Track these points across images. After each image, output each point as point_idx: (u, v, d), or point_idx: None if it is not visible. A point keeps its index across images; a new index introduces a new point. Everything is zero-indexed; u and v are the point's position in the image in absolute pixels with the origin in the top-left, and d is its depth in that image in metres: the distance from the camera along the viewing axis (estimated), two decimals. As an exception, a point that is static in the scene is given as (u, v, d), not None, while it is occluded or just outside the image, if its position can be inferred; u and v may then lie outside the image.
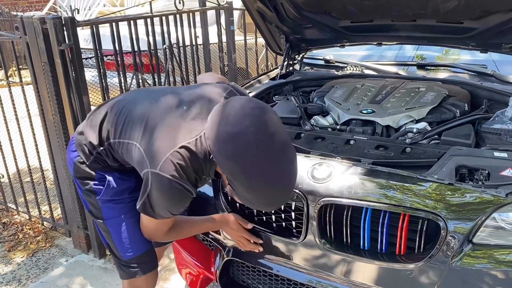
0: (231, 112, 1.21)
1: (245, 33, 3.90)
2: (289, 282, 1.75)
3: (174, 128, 1.33)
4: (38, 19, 2.33)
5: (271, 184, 1.21)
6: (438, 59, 2.78)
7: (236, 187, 1.25)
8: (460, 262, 1.36)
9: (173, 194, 1.32)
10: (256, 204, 1.30)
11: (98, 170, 1.58)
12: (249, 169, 1.18)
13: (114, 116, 1.48)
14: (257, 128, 1.18)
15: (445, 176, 1.49)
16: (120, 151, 1.45)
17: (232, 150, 1.17)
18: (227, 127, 1.18)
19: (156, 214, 1.40)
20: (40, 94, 2.57)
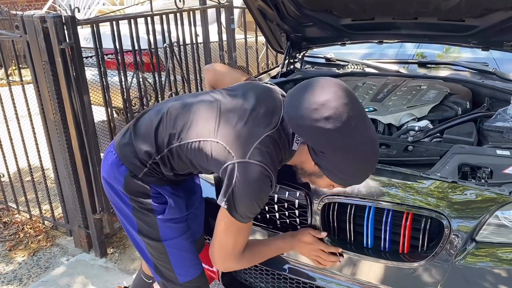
0: (313, 87, 1.24)
1: (246, 31, 3.89)
2: (292, 280, 1.74)
3: (252, 121, 1.33)
4: (39, 18, 2.32)
5: (371, 146, 1.26)
6: (439, 57, 2.78)
7: (330, 163, 1.26)
8: (464, 261, 1.36)
9: (261, 183, 1.28)
10: (355, 178, 1.31)
11: (152, 184, 1.47)
12: (352, 133, 1.20)
13: (173, 120, 1.41)
14: (344, 93, 1.22)
15: (448, 174, 1.49)
16: (186, 153, 1.38)
17: (333, 119, 1.17)
18: (319, 98, 1.20)
19: (238, 213, 1.30)
20: (41, 93, 2.57)
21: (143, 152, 1.43)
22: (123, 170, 1.47)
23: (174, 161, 1.42)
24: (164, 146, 1.40)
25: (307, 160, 1.33)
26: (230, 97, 1.42)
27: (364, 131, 1.23)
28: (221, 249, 1.42)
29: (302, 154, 1.35)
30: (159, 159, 1.42)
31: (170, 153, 1.40)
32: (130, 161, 1.46)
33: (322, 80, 1.27)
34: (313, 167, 1.33)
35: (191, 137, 1.37)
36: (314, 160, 1.30)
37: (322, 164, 1.28)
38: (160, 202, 1.48)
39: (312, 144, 1.27)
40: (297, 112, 1.22)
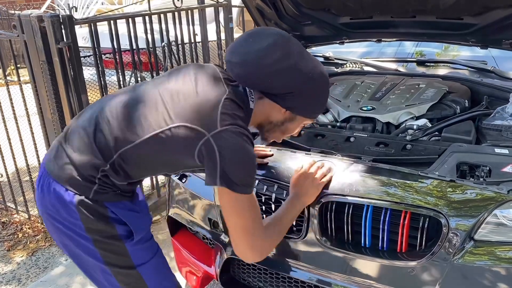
0: (250, 39, 1.26)
1: (244, 30, 3.88)
2: (290, 280, 1.74)
3: (203, 92, 1.25)
4: (36, 17, 2.32)
5: (320, 66, 1.32)
6: (438, 55, 2.78)
7: (301, 100, 1.29)
8: (462, 259, 1.36)
9: (243, 143, 1.21)
10: (322, 103, 1.37)
11: (107, 202, 1.29)
12: (306, 61, 1.27)
13: (115, 120, 1.27)
14: (279, 32, 1.29)
15: (446, 173, 1.48)
16: (145, 153, 1.25)
17: (287, 55, 1.22)
18: (262, 44, 1.22)
19: (239, 185, 1.21)
20: (39, 92, 2.56)
21: (87, 166, 1.26)
22: (69, 196, 1.27)
23: (129, 165, 1.27)
24: (112, 152, 1.25)
25: (272, 111, 1.34)
26: (167, 81, 1.33)
27: (312, 57, 1.33)
28: (244, 234, 1.29)
29: (263, 109, 1.33)
30: (109, 168, 1.25)
31: (122, 158, 1.26)
32: (74, 182, 1.26)
33: (255, 31, 1.31)
34: (283, 114, 1.33)
35: (146, 133, 1.23)
36: (283, 106, 1.31)
37: (294, 105, 1.30)
38: (123, 223, 1.32)
39: (278, 89, 1.27)
40: (252, 66, 1.23)
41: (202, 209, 1.90)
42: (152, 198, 3.23)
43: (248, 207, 1.27)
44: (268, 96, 1.31)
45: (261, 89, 1.30)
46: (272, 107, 1.32)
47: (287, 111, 1.33)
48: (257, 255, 1.36)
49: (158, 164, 1.30)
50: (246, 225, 1.29)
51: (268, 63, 1.22)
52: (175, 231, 2.15)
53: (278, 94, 1.29)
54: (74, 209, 1.27)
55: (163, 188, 3.29)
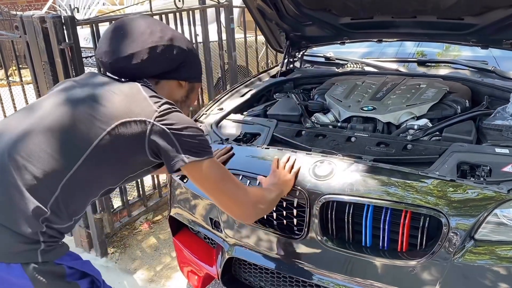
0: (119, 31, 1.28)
1: (245, 31, 3.89)
2: (291, 279, 1.75)
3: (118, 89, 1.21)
4: (38, 18, 2.32)
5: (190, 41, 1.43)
6: (439, 55, 2.78)
7: (191, 66, 1.36)
8: (463, 259, 1.36)
9: (183, 115, 1.23)
10: (200, 63, 1.44)
11: (56, 259, 1.13)
12: (178, 33, 1.35)
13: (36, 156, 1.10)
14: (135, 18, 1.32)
15: (446, 172, 1.49)
16: (91, 168, 1.14)
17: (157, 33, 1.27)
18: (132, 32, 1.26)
19: (204, 151, 1.21)
20: (41, 93, 2.57)
21: (27, 222, 1.06)
22: (16, 271, 1.06)
23: (74, 197, 1.14)
24: (51, 190, 1.09)
25: (174, 90, 1.36)
26: (73, 92, 1.23)
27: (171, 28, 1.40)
28: (234, 199, 1.29)
29: (164, 92, 1.33)
30: (50, 214, 1.09)
31: (65, 192, 1.11)
32: (16, 251, 1.06)
33: (112, 27, 1.31)
34: (184, 87, 1.38)
35: (85, 148, 1.12)
36: (181, 79, 1.35)
37: (189, 73, 1.36)
38: (82, 276, 1.19)
39: (172, 65, 1.30)
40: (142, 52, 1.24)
41: (204, 209, 1.91)
42: (154, 198, 3.24)
43: (222, 170, 1.28)
44: (164, 76, 1.33)
45: (160, 69, 1.30)
46: (171, 86, 1.36)
47: (187, 83, 1.38)
48: (253, 212, 1.36)
49: (104, 179, 1.20)
50: (230, 183, 1.28)
51: (158, 38, 1.26)
52: (177, 231, 2.15)
53: (173, 69, 1.32)
54: (28, 282, 1.07)
55: (164, 188, 3.30)
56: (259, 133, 1.96)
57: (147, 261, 2.71)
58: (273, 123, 1.99)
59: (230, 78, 3.79)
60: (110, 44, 1.26)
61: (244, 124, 2.06)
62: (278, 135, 1.92)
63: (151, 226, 3.08)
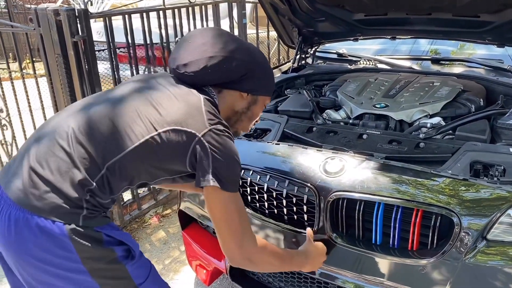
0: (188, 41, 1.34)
1: (257, 26, 3.88)
2: (299, 275, 1.74)
3: (182, 95, 1.28)
4: (52, 11, 2.34)
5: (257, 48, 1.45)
6: (453, 53, 2.75)
7: (255, 78, 1.37)
8: (474, 259, 1.35)
9: (230, 139, 1.26)
10: (272, 76, 1.47)
11: (97, 227, 1.22)
12: (240, 41, 1.38)
13: (93, 134, 1.20)
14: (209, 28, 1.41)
15: (459, 171, 1.47)
16: (134, 162, 1.21)
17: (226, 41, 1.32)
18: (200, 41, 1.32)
19: (229, 183, 1.22)
20: (54, 86, 2.59)
21: (73, 188, 1.16)
22: (59, 228, 1.15)
23: (116, 179, 1.21)
24: (99, 167, 1.18)
25: (235, 100, 1.39)
26: (139, 90, 1.32)
27: (242, 40, 1.44)
28: (234, 232, 1.27)
29: (226, 101, 1.38)
30: (95, 187, 1.18)
31: (110, 172, 1.20)
32: (61, 211, 1.15)
33: (187, 35, 1.37)
34: (246, 98, 1.40)
35: (135, 141, 1.20)
36: (243, 90, 1.37)
37: (252, 86, 1.38)
38: (120, 244, 1.26)
39: (234, 74, 1.33)
40: (206, 58, 1.28)
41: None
42: (163, 192, 3.26)
43: (236, 206, 1.27)
44: (226, 86, 1.37)
45: (219, 79, 1.34)
46: (233, 97, 1.38)
47: (249, 95, 1.39)
48: (245, 256, 1.30)
49: (142, 173, 1.26)
50: (235, 224, 1.27)
51: (218, 49, 1.29)
52: (186, 224, 2.16)
53: (235, 80, 1.35)
54: (68, 241, 1.15)
55: (174, 183, 3.30)
56: (269, 129, 1.96)
57: (156, 254, 2.72)
58: (284, 119, 1.98)
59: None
60: (176, 52, 1.34)
61: (255, 120, 2.05)
62: (289, 131, 1.91)
63: (160, 220, 3.10)
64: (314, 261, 1.51)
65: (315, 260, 1.51)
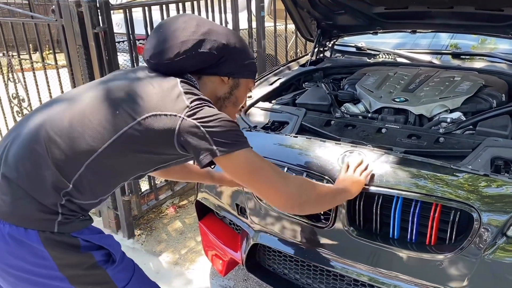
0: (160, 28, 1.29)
1: (275, 19, 3.87)
2: (315, 268, 1.75)
3: (157, 82, 1.22)
4: (74, 2, 2.37)
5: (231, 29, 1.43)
6: (474, 48, 2.70)
7: (234, 60, 1.31)
8: (493, 255, 1.34)
9: (214, 109, 1.19)
10: (252, 58, 1.38)
11: (75, 233, 1.17)
12: (218, 26, 1.32)
13: (67, 131, 1.15)
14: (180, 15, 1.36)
15: (479, 167, 1.46)
16: (117, 153, 1.17)
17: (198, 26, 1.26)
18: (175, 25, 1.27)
19: (239, 143, 1.18)
20: (74, 76, 2.63)
21: (47, 193, 1.11)
22: (32, 236, 1.11)
23: (98, 177, 1.17)
24: (77, 166, 1.14)
25: (216, 86, 1.34)
26: (110, 83, 1.27)
27: (215, 23, 1.37)
28: (275, 186, 1.23)
29: (207, 88, 1.32)
30: (72, 189, 1.14)
31: (91, 171, 1.15)
32: (34, 218, 1.11)
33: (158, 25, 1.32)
34: (227, 83, 1.34)
35: (113, 133, 1.14)
36: (223, 74, 1.32)
37: (231, 69, 1.32)
38: (98, 248, 1.21)
39: (212, 58, 1.27)
40: (178, 44, 1.23)
41: (230, 195, 1.93)
42: (180, 184, 3.29)
43: (259, 159, 1.22)
44: (205, 72, 1.31)
45: (195, 66, 1.28)
46: (214, 82, 1.33)
47: (230, 79, 1.33)
48: (298, 199, 1.27)
49: (130, 165, 1.22)
50: (270, 175, 1.23)
51: (190, 33, 1.24)
52: (203, 215, 2.19)
53: (212, 65, 1.29)
54: (43, 249, 1.12)
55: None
56: (287, 122, 1.96)
57: (172, 244, 2.76)
58: (302, 112, 1.98)
59: (259, 66, 3.79)
60: (149, 43, 1.29)
61: (272, 112, 2.06)
62: (307, 124, 1.91)
63: (177, 210, 3.13)
64: (354, 181, 1.46)
65: (354, 179, 1.47)
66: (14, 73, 3.07)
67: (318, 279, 1.77)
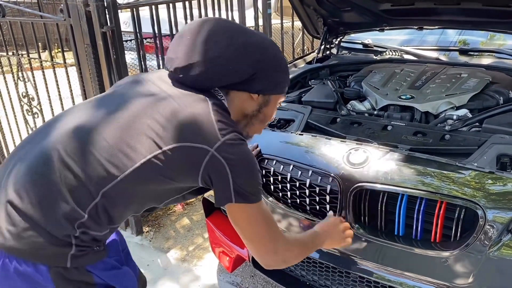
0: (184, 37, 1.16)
1: (282, 16, 3.87)
2: (321, 265, 1.76)
3: (184, 103, 1.11)
4: (82, 2, 2.40)
5: (272, 41, 1.26)
6: (482, 44, 2.68)
7: (265, 77, 1.20)
8: (498, 252, 1.34)
9: (247, 150, 1.13)
10: (286, 73, 1.28)
11: (88, 265, 1.08)
12: (252, 36, 1.18)
13: (82, 155, 1.04)
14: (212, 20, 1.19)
15: (485, 164, 1.46)
16: (137, 182, 1.07)
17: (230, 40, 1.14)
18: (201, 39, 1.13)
19: (252, 195, 1.13)
20: (83, 75, 2.66)
21: (59, 224, 1.00)
22: (42, 272, 1.02)
23: (115, 207, 1.08)
24: (92, 194, 1.03)
25: (245, 102, 1.23)
26: (134, 97, 1.15)
27: (250, 30, 1.24)
28: (265, 243, 1.20)
29: (235, 104, 1.23)
30: (87, 219, 1.03)
31: (107, 200, 1.05)
32: (44, 252, 1.01)
33: (184, 30, 1.19)
34: (256, 100, 1.23)
35: (135, 161, 1.04)
36: (254, 91, 1.21)
37: (262, 86, 1.20)
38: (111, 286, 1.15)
39: (242, 74, 1.16)
40: (209, 63, 1.11)
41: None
42: (188, 181, 3.31)
43: (263, 215, 1.19)
44: (234, 87, 1.20)
45: (225, 81, 1.18)
46: (242, 99, 1.22)
47: (259, 96, 1.23)
48: (279, 259, 1.26)
49: (147, 196, 1.13)
50: (266, 233, 1.20)
51: (223, 47, 1.12)
52: (210, 212, 2.20)
53: (243, 81, 1.18)
54: (52, 286, 1.04)
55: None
56: (293, 119, 1.97)
57: (180, 241, 2.79)
58: (308, 110, 1.99)
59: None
60: (173, 51, 1.17)
61: (278, 110, 2.07)
62: (313, 121, 1.92)
63: (184, 208, 3.16)
64: (333, 238, 1.47)
65: (334, 237, 1.47)
66: (24, 72, 3.11)
67: (324, 276, 1.78)
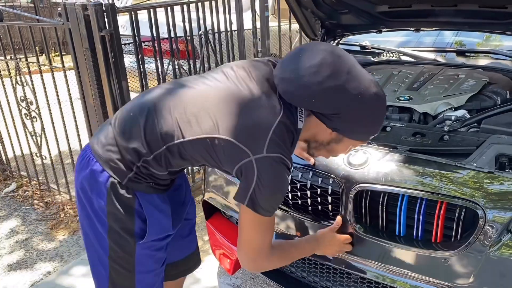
0: (300, 55, 1.20)
1: (279, 18, 3.88)
2: (322, 266, 1.77)
3: (258, 108, 1.21)
4: (80, 6, 2.41)
5: (377, 87, 1.22)
6: (479, 45, 2.70)
7: (348, 121, 1.22)
8: (498, 252, 1.35)
9: (282, 174, 1.21)
10: (373, 127, 1.28)
11: (138, 192, 1.32)
12: (357, 81, 1.18)
13: (166, 114, 1.26)
14: (333, 49, 1.22)
15: (484, 164, 1.47)
16: (192, 151, 1.26)
17: (336, 74, 1.16)
18: (312, 61, 1.17)
19: (263, 209, 1.23)
20: (81, 79, 2.67)
21: (131, 152, 1.27)
22: (104, 177, 1.30)
23: (174, 159, 1.28)
24: (160, 144, 1.26)
25: (320, 131, 1.29)
26: (221, 81, 1.29)
27: (365, 76, 1.21)
28: (250, 248, 1.33)
29: (310, 127, 1.29)
30: (152, 159, 1.27)
31: (170, 151, 1.26)
32: (113, 165, 1.29)
33: (307, 46, 1.24)
34: (330, 135, 1.28)
35: (194, 134, 1.23)
36: (329, 127, 1.25)
37: (340, 127, 1.24)
38: (143, 220, 1.33)
39: (324, 109, 1.21)
40: (299, 84, 1.17)
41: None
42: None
43: (263, 228, 1.30)
44: (315, 114, 1.25)
45: (307, 107, 1.24)
46: (319, 126, 1.27)
47: (334, 132, 1.27)
48: (253, 267, 1.45)
49: (200, 160, 1.30)
50: (255, 242, 1.32)
51: (315, 81, 1.16)
52: (210, 214, 2.21)
53: (324, 114, 1.23)
54: (104, 191, 1.29)
55: (197, 174, 3.36)
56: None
57: (180, 244, 2.78)
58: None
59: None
60: (286, 64, 1.23)
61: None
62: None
63: (184, 210, 3.15)
64: (327, 247, 1.57)
65: (329, 247, 1.57)
66: (22, 76, 3.11)
67: (324, 277, 1.79)
